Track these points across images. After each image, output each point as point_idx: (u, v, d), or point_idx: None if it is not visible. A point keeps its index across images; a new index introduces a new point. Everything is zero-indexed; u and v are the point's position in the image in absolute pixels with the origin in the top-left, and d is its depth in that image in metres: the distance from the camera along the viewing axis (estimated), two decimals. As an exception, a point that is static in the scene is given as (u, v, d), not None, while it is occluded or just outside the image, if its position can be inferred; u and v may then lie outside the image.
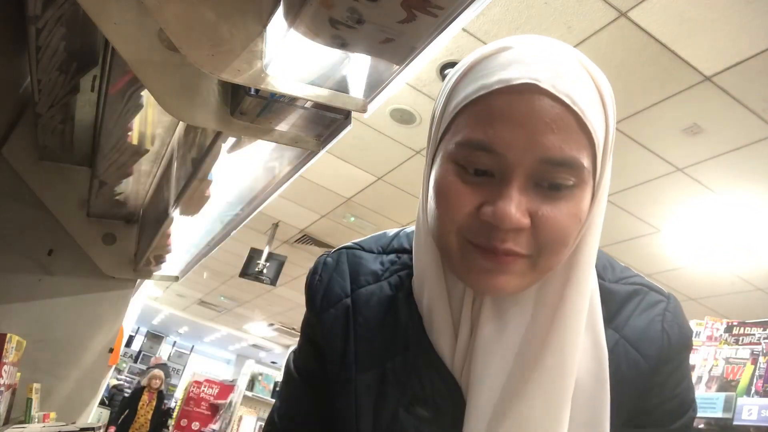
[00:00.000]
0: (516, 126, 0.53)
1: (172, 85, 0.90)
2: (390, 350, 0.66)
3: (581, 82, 0.56)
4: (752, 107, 3.12)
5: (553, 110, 0.53)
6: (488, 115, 0.55)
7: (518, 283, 0.58)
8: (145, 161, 1.66)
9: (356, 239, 0.77)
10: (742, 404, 1.53)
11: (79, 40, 1.27)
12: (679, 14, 2.66)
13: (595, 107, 0.56)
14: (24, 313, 2.02)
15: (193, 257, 2.16)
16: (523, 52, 0.57)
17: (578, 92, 0.54)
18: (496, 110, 0.54)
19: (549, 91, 0.53)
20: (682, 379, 0.67)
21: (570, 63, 0.56)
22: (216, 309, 11.52)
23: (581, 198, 0.57)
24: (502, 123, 0.54)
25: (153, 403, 7.86)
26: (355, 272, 0.72)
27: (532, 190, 0.55)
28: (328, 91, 0.86)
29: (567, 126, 0.54)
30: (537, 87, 0.53)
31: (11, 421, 1.68)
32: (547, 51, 0.57)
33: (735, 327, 1.81)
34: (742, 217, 4.10)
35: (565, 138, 0.54)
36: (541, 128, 0.53)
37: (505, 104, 0.54)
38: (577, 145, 0.54)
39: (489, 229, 0.55)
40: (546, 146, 0.53)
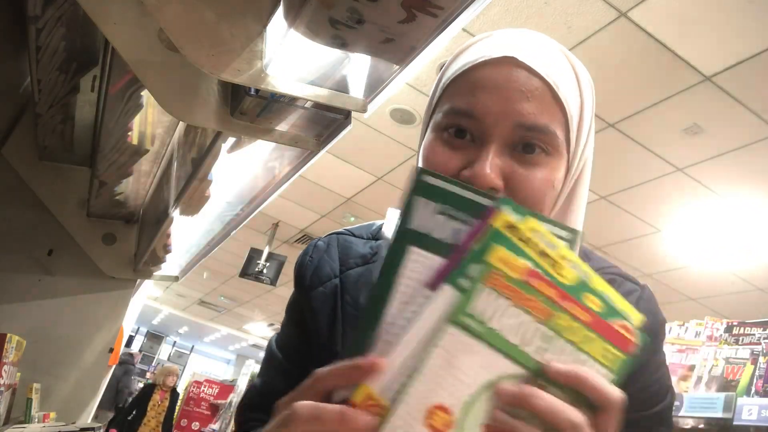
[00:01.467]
0: (494, 93, 0.58)
1: (172, 85, 0.90)
2: None
3: (558, 61, 0.61)
4: (752, 107, 3.12)
5: (528, 81, 0.58)
6: (470, 86, 0.60)
7: None
8: (145, 161, 1.66)
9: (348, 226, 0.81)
10: (742, 404, 1.53)
11: (79, 40, 1.28)
12: (679, 14, 2.67)
13: (570, 85, 0.61)
14: (24, 313, 2.02)
15: (193, 257, 2.16)
16: (505, 36, 0.63)
17: (554, 69, 0.60)
18: (477, 81, 0.60)
19: (525, 63, 0.59)
20: (660, 365, 0.69)
21: (548, 45, 0.62)
22: (216, 309, 11.52)
23: (555, 167, 0.60)
24: (482, 91, 0.59)
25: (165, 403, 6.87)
26: (344, 255, 0.75)
27: (507, 155, 0.59)
28: (328, 91, 0.86)
29: (541, 96, 0.58)
30: (515, 60, 0.59)
31: (11, 421, 1.69)
32: (530, 35, 0.63)
33: (735, 327, 1.81)
34: (742, 217, 4.10)
35: (539, 107, 0.58)
36: (516, 96, 0.58)
37: (485, 75, 0.60)
38: (550, 115, 0.59)
39: None
40: (521, 112, 0.58)
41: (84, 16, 0.88)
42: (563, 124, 0.60)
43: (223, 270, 8.18)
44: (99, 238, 2.15)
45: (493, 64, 0.60)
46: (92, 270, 2.15)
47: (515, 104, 0.58)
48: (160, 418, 6.76)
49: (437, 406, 0.40)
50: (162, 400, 6.86)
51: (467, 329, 0.40)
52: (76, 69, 1.38)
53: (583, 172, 0.66)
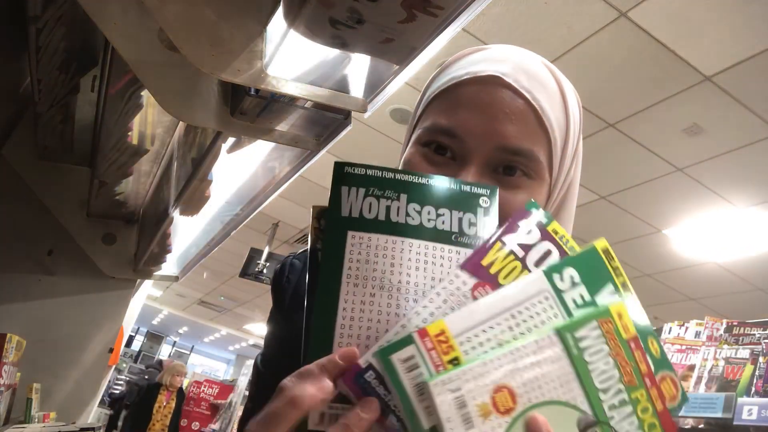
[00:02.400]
0: (477, 113, 0.57)
1: (172, 85, 0.90)
2: None
3: (546, 84, 0.59)
4: (752, 107, 3.12)
5: (513, 102, 0.57)
6: (454, 103, 0.59)
7: None
8: (145, 161, 1.66)
9: None
10: (742, 404, 1.53)
11: (79, 40, 1.28)
12: (679, 14, 2.66)
13: (557, 108, 0.59)
14: (24, 313, 2.02)
15: (193, 257, 2.16)
16: (495, 52, 0.61)
17: (540, 91, 0.58)
18: (461, 99, 0.59)
19: (512, 84, 0.57)
20: None
21: (537, 66, 0.60)
22: (216, 309, 11.52)
23: (535, 191, 0.59)
24: (466, 110, 0.58)
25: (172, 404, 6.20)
26: None
27: (488, 176, 0.57)
28: (328, 91, 0.86)
29: (525, 119, 0.57)
30: (501, 80, 0.57)
31: (11, 421, 1.69)
32: (518, 53, 0.61)
33: (735, 327, 1.81)
34: (742, 217, 4.10)
35: (523, 130, 0.57)
36: (500, 117, 0.57)
37: (470, 93, 0.58)
38: (534, 139, 0.57)
39: None
40: (503, 134, 0.56)
41: (84, 16, 0.87)
42: (546, 148, 0.58)
43: (223, 270, 8.18)
44: (99, 238, 2.15)
45: (478, 82, 0.58)
46: (92, 270, 2.15)
47: (498, 125, 0.56)
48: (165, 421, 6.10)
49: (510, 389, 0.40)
50: (168, 402, 6.21)
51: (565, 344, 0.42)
52: (76, 69, 1.38)
53: (569, 193, 0.64)
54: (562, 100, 0.60)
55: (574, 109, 0.62)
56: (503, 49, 0.62)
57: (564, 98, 0.61)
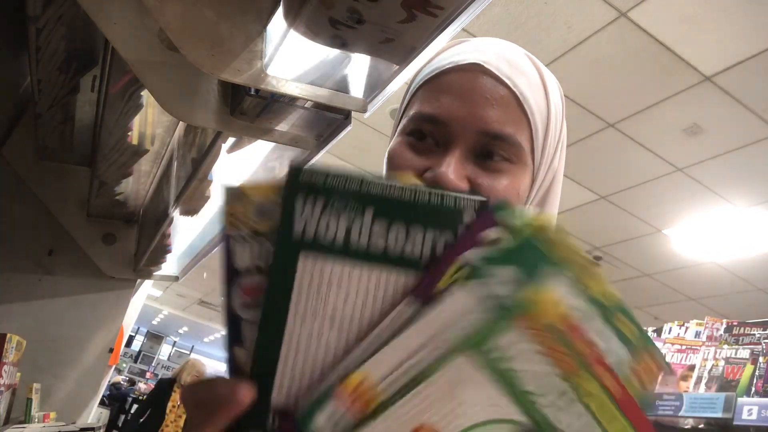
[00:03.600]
0: (460, 99, 0.59)
1: (172, 85, 0.90)
2: None
3: (526, 72, 0.61)
4: (752, 107, 3.12)
5: (494, 89, 0.59)
6: (437, 91, 0.60)
7: None
8: (145, 161, 1.66)
9: None
10: (742, 404, 1.53)
11: (79, 40, 1.28)
12: (679, 14, 2.67)
13: (537, 96, 0.61)
14: (24, 313, 2.02)
15: (193, 257, 2.16)
16: (477, 42, 0.63)
17: (521, 78, 0.60)
18: (444, 86, 0.60)
19: (492, 71, 0.59)
20: None
21: (518, 55, 0.62)
22: (216, 309, 11.52)
23: (519, 177, 0.60)
24: (448, 96, 0.59)
25: None
26: None
27: (471, 162, 0.59)
28: (328, 91, 0.86)
29: (507, 105, 0.59)
30: (482, 67, 0.59)
31: (11, 421, 1.69)
32: (500, 43, 0.63)
33: (735, 327, 1.81)
34: (742, 216, 4.11)
35: (504, 115, 0.58)
36: (482, 103, 0.58)
37: (453, 81, 0.60)
38: (515, 124, 0.59)
39: None
40: (485, 119, 0.58)
41: (84, 16, 0.88)
42: (528, 134, 0.60)
43: (223, 270, 8.17)
44: (99, 238, 2.15)
45: (460, 70, 0.60)
46: (92, 270, 2.15)
47: (480, 111, 0.58)
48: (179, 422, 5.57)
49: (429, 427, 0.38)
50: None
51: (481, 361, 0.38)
52: (76, 69, 1.38)
53: (553, 185, 0.65)
54: (542, 87, 0.62)
55: (556, 98, 0.63)
56: (486, 40, 0.64)
57: (545, 86, 0.62)
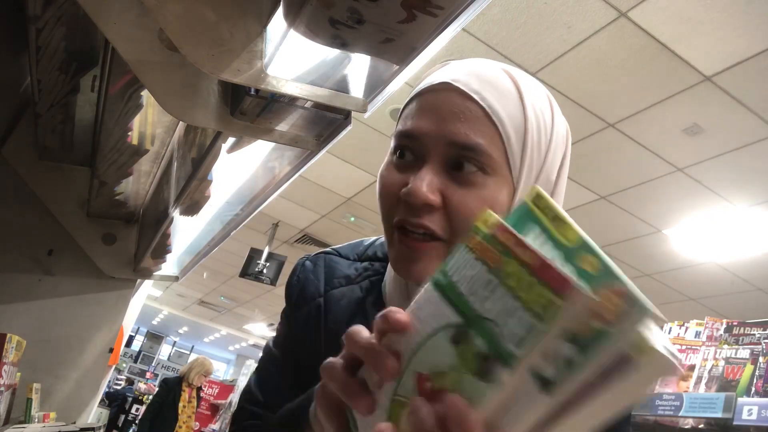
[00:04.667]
0: (430, 115, 0.63)
1: (172, 85, 0.90)
2: None
3: (498, 85, 0.63)
4: (752, 107, 3.12)
5: (462, 103, 0.62)
6: (414, 111, 0.65)
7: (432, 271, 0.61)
8: (145, 161, 1.66)
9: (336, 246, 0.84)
10: (742, 404, 1.53)
11: (79, 40, 1.28)
12: (679, 14, 2.67)
13: (510, 106, 0.63)
14: (24, 313, 2.02)
15: (193, 257, 2.16)
16: (454, 64, 0.67)
17: (490, 91, 0.62)
18: (419, 106, 0.65)
19: (460, 88, 0.62)
20: None
21: (492, 71, 0.65)
22: (216, 309, 11.52)
23: (494, 189, 0.62)
24: (421, 114, 0.64)
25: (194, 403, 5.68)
26: (329, 275, 0.78)
27: (445, 174, 0.62)
28: (328, 91, 0.86)
29: (474, 117, 0.61)
30: (451, 85, 0.63)
31: (11, 421, 1.69)
32: (477, 63, 0.66)
33: (735, 327, 1.81)
34: (742, 216, 4.11)
35: (472, 127, 0.61)
36: (449, 117, 0.61)
37: (427, 100, 0.65)
38: (484, 135, 0.61)
39: (406, 207, 0.62)
40: (453, 131, 0.61)
41: (84, 16, 0.88)
42: (499, 144, 0.62)
43: (223, 270, 8.18)
44: (99, 238, 2.15)
45: (432, 90, 0.64)
46: (92, 270, 2.15)
47: (448, 124, 0.61)
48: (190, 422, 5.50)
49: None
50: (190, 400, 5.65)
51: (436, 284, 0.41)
52: (76, 69, 1.38)
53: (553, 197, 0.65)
54: (518, 98, 0.63)
55: (537, 108, 0.64)
56: (464, 61, 0.67)
57: (521, 98, 0.64)
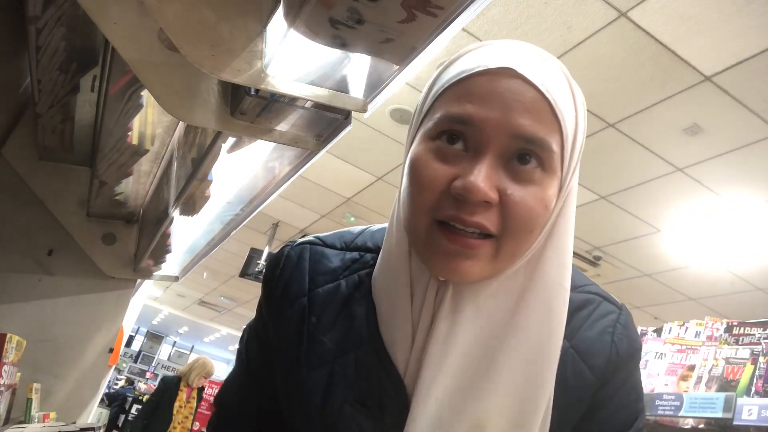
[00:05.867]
0: (492, 102, 0.57)
1: (172, 85, 0.90)
2: (342, 348, 0.67)
3: (556, 77, 0.60)
4: (752, 107, 3.12)
5: (527, 93, 0.57)
6: (467, 94, 0.58)
7: (481, 269, 0.59)
8: (145, 161, 1.66)
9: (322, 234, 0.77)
10: (742, 404, 1.53)
11: (79, 40, 1.27)
12: (679, 14, 2.67)
13: (567, 102, 0.60)
14: (24, 313, 2.02)
15: (193, 257, 2.16)
16: (503, 46, 0.61)
17: (552, 84, 0.58)
18: (474, 89, 0.58)
19: (524, 76, 0.57)
20: (631, 391, 0.68)
21: (548, 60, 0.61)
22: (216, 309, 11.52)
23: (548, 185, 0.59)
24: (480, 99, 0.57)
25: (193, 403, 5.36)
26: (314, 270, 0.71)
27: (502, 169, 0.57)
28: (328, 91, 0.86)
29: (540, 109, 0.57)
30: (513, 71, 0.57)
31: (11, 421, 1.68)
32: (527, 48, 0.62)
33: (735, 327, 1.81)
34: (742, 216, 4.10)
35: (537, 119, 0.57)
36: (515, 106, 0.56)
37: (483, 84, 0.58)
38: (548, 129, 0.57)
39: (458, 203, 0.56)
40: (519, 123, 0.56)
41: (84, 16, 0.88)
42: (559, 140, 0.58)
43: (223, 270, 8.18)
44: (99, 238, 2.15)
45: (490, 73, 0.58)
46: (92, 270, 2.15)
47: (514, 114, 0.56)
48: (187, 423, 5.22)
49: None
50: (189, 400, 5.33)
51: None
52: (76, 69, 1.38)
53: (570, 197, 0.64)
54: (571, 94, 0.61)
55: (581, 107, 0.62)
56: (512, 44, 0.62)
57: (573, 94, 0.61)
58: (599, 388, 0.66)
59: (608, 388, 0.66)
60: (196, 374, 5.37)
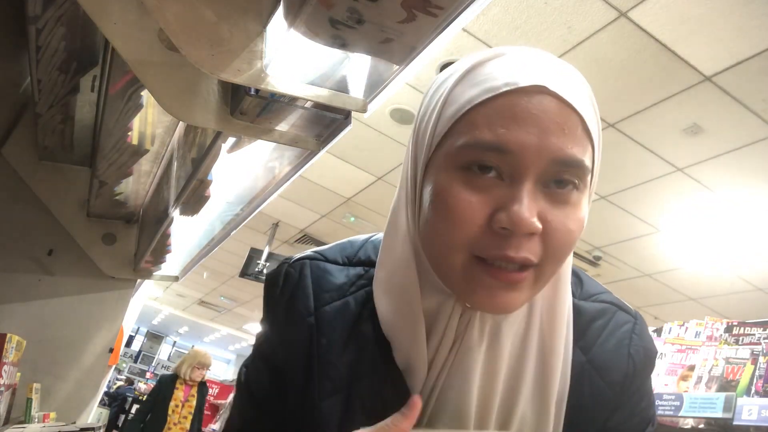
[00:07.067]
0: (528, 126, 0.52)
1: (172, 85, 0.90)
2: (355, 372, 0.63)
3: (582, 91, 0.57)
4: (752, 107, 3.12)
5: (562, 112, 0.53)
6: (498, 117, 0.53)
7: (525, 299, 0.57)
8: (145, 161, 1.66)
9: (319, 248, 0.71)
10: (742, 404, 1.53)
11: (79, 40, 1.27)
12: (679, 14, 2.66)
13: (593, 114, 0.57)
14: (24, 313, 2.02)
15: (193, 257, 2.16)
16: (521, 57, 0.57)
17: (579, 97, 0.55)
18: (506, 111, 0.53)
19: (557, 93, 0.53)
20: (643, 398, 0.67)
21: (571, 72, 0.57)
22: (216, 309, 11.52)
23: (583, 204, 0.57)
24: (515, 123, 0.53)
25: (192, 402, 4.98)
26: (318, 287, 0.66)
27: (540, 194, 0.54)
28: (328, 91, 0.86)
29: (575, 128, 0.54)
30: (546, 89, 0.53)
31: (11, 421, 1.68)
32: (545, 58, 0.57)
33: (735, 327, 1.81)
34: (742, 216, 4.10)
35: (574, 140, 0.54)
36: (552, 129, 0.53)
37: (516, 105, 0.53)
38: (583, 148, 0.55)
39: (502, 239, 0.53)
40: (558, 146, 0.53)
41: (84, 16, 0.88)
42: (591, 156, 0.56)
43: (223, 270, 8.18)
44: (99, 238, 2.15)
45: (521, 92, 0.53)
46: (92, 270, 2.15)
47: (552, 137, 0.52)
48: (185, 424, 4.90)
49: None
50: (187, 399, 4.97)
51: None
52: (76, 69, 1.38)
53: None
54: (592, 105, 0.58)
55: (598, 114, 0.60)
56: (531, 55, 0.57)
57: (593, 103, 0.59)
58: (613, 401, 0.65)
59: (621, 399, 0.65)
60: (187, 366, 4.99)
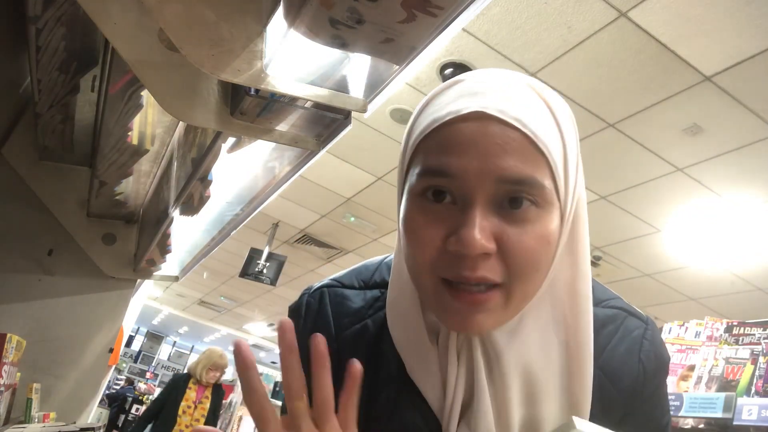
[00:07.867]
0: (469, 150, 0.54)
1: (172, 85, 0.90)
2: (374, 389, 0.65)
3: (532, 106, 0.56)
4: (752, 107, 3.12)
5: (503, 133, 0.54)
6: (442, 145, 0.56)
7: (495, 320, 0.57)
8: (145, 161, 1.66)
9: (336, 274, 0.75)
10: (742, 404, 1.53)
11: (79, 40, 1.28)
12: (679, 14, 2.67)
13: (548, 127, 0.56)
14: (24, 313, 2.02)
15: (193, 257, 2.16)
16: (472, 83, 0.58)
17: (528, 116, 0.55)
18: (448, 139, 0.55)
19: (497, 116, 0.54)
20: (656, 406, 0.67)
21: (519, 89, 0.57)
22: (216, 309, 11.52)
23: (547, 220, 0.56)
24: (456, 149, 0.55)
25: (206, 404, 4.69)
26: (338, 313, 0.70)
27: (495, 215, 0.55)
28: (328, 91, 0.86)
29: (520, 147, 0.54)
30: (485, 114, 0.54)
31: (11, 421, 1.69)
32: (497, 80, 0.58)
33: (735, 327, 1.81)
34: (742, 217, 4.10)
35: (520, 158, 0.54)
36: (493, 150, 0.54)
37: (456, 132, 0.55)
38: (534, 165, 0.55)
39: (458, 260, 0.54)
40: (501, 166, 0.53)
41: (84, 16, 0.88)
42: (549, 173, 0.55)
43: (223, 270, 8.18)
44: (99, 238, 2.15)
45: (463, 119, 0.55)
46: (92, 270, 2.15)
47: (493, 158, 0.53)
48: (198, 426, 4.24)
49: None
50: (200, 401, 4.68)
51: None
52: (76, 69, 1.38)
53: (579, 211, 0.61)
54: (553, 119, 0.57)
55: (567, 126, 0.59)
56: (481, 79, 0.59)
57: (555, 117, 0.58)
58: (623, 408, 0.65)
59: (635, 402, 0.65)
60: (202, 366, 4.78)
